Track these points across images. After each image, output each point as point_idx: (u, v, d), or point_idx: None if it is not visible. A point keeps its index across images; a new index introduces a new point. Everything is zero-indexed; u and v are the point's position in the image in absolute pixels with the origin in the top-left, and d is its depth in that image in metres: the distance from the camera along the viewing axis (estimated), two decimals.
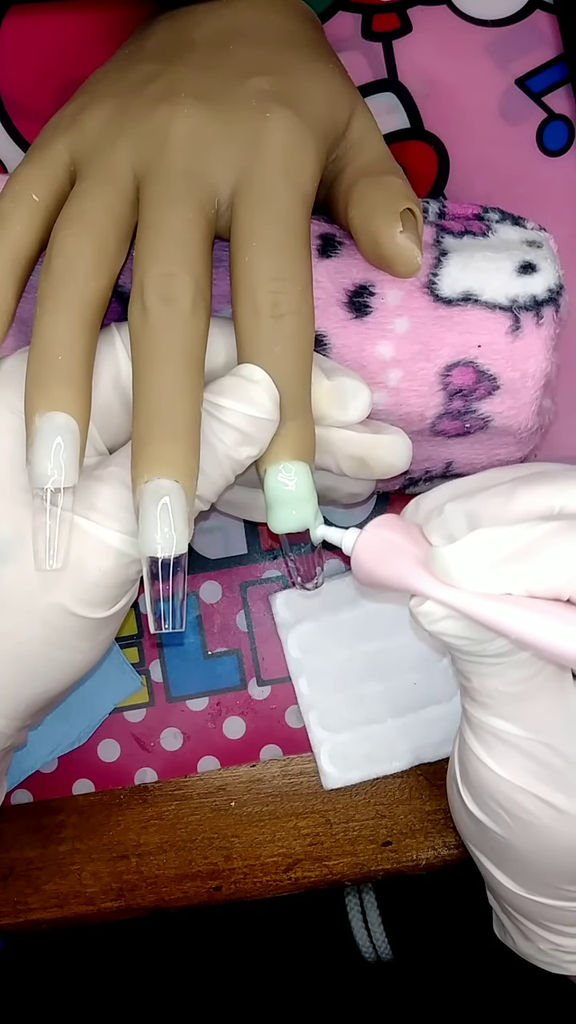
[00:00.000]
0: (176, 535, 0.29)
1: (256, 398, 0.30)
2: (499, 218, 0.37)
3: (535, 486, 0.28)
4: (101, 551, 0.31)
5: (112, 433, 0.33)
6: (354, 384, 0.33)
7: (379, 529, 0.30)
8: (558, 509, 0.27)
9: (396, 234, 0.32)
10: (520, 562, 0.27)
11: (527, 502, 0.28)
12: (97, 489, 0.31)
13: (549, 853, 0.33)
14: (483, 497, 0.28)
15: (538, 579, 0.27)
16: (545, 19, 0.44)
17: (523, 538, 0.27)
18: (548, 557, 0.27)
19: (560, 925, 0.36)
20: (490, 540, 0.27)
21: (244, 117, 0.32)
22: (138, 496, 0.29)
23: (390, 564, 0.29)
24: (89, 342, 0.30)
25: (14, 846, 0.43)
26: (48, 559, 0.30)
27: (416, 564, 0.29)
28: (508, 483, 0.28)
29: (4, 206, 0.32)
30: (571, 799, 0.31)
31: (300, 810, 0.42)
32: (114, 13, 0.44)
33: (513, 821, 0.33)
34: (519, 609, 0.27)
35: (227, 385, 0.30)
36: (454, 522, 0.29)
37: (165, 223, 0.30)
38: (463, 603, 0.28)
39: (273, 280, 0.30)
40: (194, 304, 0.30)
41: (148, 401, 0.29)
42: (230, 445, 0.31)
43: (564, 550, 0.26)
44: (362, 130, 0.35)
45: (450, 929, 0.43)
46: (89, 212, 0.31)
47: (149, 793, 0.42)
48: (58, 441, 0.29)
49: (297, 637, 0.41)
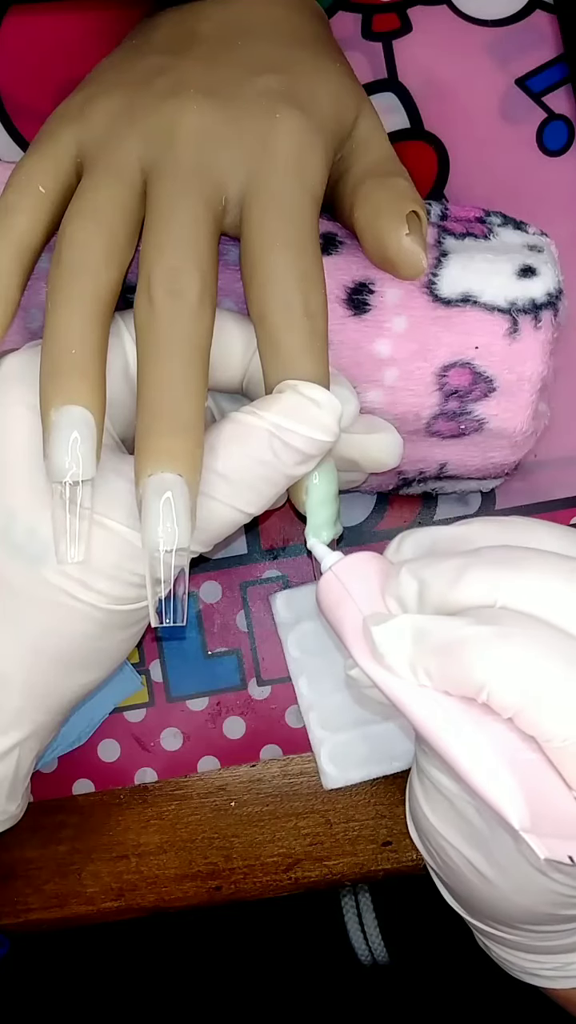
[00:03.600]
0: (178, 529, 0.29)
1: (323, 422, 0.30)
2: (501, 222, 0.37)
3: (484, 571, 0.27)
4: (130, 551, 0.31)
5: (123, 423, 0.33)
6: (343, 394, 0.33)
7: (344, 572, 0.30)
8: (500, 604, 0.27)
9: (402, 236, 0.32)
10: (439, 659, 0.27)
11: (471, 590, 0.27)
12: (122, 488, 0.31)
13: (475, 899, 0.33)
14: (436, 571, 0.28)
15: (452, 681, 0.27)
16: (545, 19, 0.44)
17: (448, 635, 0.26)
18: (464, 662, 0.26)
19: (502, 945, 0.36)
20: (417, 628, 0.27)
21: (253, 116, 0.32)
22: (141, 490, 0.29)
23: (339, 614, 0.30)
24: (102, 335, 0.30)
25: (14, 846, 0.43)
26: (69, 553, 0.30)
27: (358, 626, 0.29)
28: (463, 559, 0.28)
29: (10, 197, 0.32)
30: (490, 864, 0.30)
31: (300, 810, 0.42)
32: (114, 13, 0.44)
33: (443, 863, 0.33)
34: (427, 704, 0.27)
35: (291, 405, 0.30)
36: (406, 587, 0.28)
37: (172, 218, 0.30)
38: (381, 681, 0.28)
39: (301, 280, 0.31)
40: (200, 298, 0.30)
41: (153, 394, 0.29)
42: (290, 465, 0.31)
43: (480, 658, 0.26)
44: (368, 130, 0.35)
45: (446, 931, 0.42)
46: (99, 205, 0.31)
47: (149, 793, 0.42)
48: (75, 435, 0.29)
49: (297, 637, 0.41)
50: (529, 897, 0.30)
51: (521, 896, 0.30)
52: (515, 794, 0.26)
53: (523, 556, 0.28)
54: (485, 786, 0.26)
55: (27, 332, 0.36)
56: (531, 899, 0.30)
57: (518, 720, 0.26)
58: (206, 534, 0.31)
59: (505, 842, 0.29)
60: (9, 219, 0.32)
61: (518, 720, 0.26)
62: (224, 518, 0.31)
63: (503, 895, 0.31)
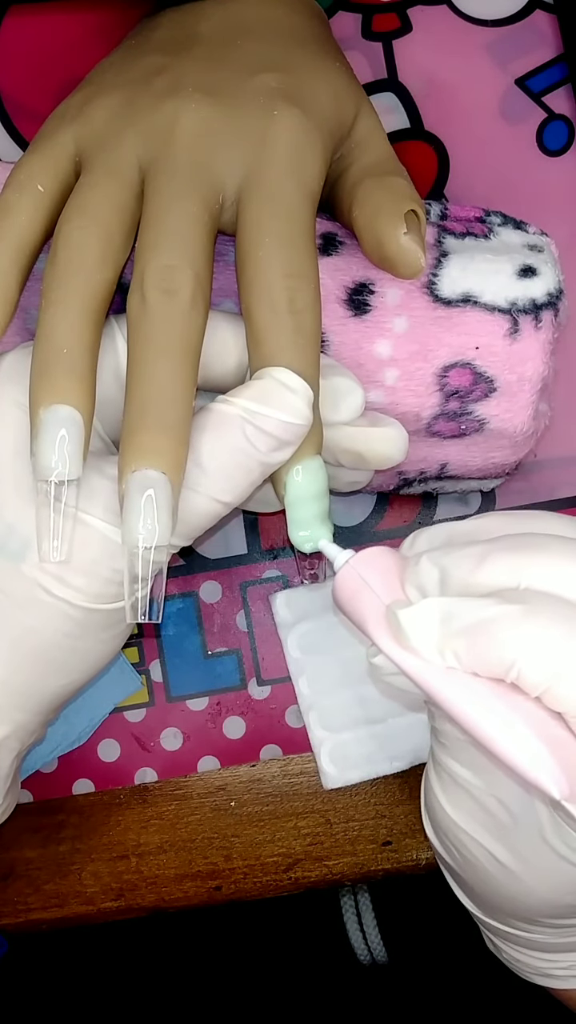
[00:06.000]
0: (159, 527, 0.29)
1: (295, 405, 0.30)
2: (501, 221, 0.37)
3: (507, 556, 0.27)
4: (112, 549, 0.31)
5: (113, 423, 0.33)
6: (347, 384, 0.33)
7: (361, 565, 0.30)
8: (523, 586, 0.27)
9: (400, 236, 0.32)
10: (467, 640, 0.27)
11: (494, 573, 0.27)
12: (106, 487, 0.31)
13: (494, 894, 0.33)
14: (457, 557, 0.28)
15: (480, 661, 0.27)
16: (545, 19, 0.44)
17: (475, 615, 0.27)
18: (493, 641, 0.26)
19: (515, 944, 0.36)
20: (443, 611, 0.27)
21: (252, 114, 0.32)
22: (124, 486, 0.29)
23: (358, 605, 0.30)
24: (94, 335, 0.30)
25: (14, 846, 0.43)
26: (52, 552, 0.30)
27: (380, 615, 0.29)
28: (484, 545, 0.28)
29: (9, 196, 0.32)
30: (513, 856, 0.30)
31: (300, 810, 0.42)
32: (114, 13, 0.44)
33: (462, 859, 0.33)
34: (456, 685, 0.27)
35: (264, 390, 0.30)
36: (426, 575, 0.28)
37: (169, 216, 0.30)
38: (408, 666, 0.28)
39: (289, 276, 0.31)
40: (193, 297, 0.30)
41: (141, 391, 0.29)
42: (264, 451, 0.30)
43: (509, 637, 0.26)
44: (367, 129, 0.35)
45: (446, 931, 0.43)
46: (95, 205, 0.31)
47: (149, 793, 0.42)
48: (62, 433, 0.29)
49: (297, 637, 0.41)
50: (551, 887, 0.30)
51: (543, 887, 0.30)
52: (553, 767, 0.26)
53: (542, 540, 0.28)
54: (523, 761, 0.26)
55: (26, 332, 0.36)
56: (554, 889, 0.30)
57: (546, 697, 0.26)
58: (185, 526, 0.31)
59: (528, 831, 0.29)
60: (8, 219, 0.32)
61: (546, 697, 0.26)
62: (200, 508, 0.31)
63: (526, 887, 0.31)
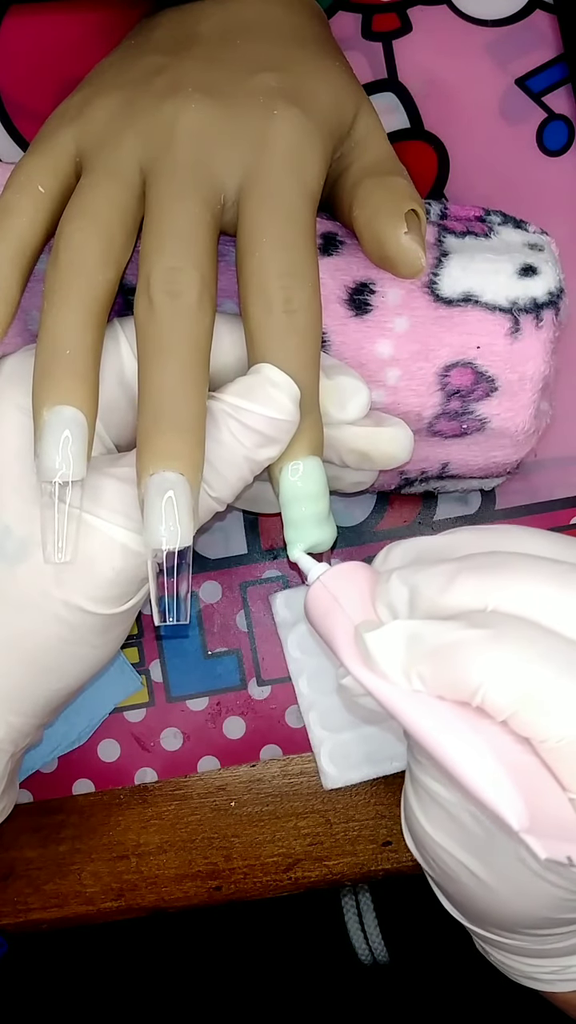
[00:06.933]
0: (181, 528, 0.29)
1: (279, 401, 0.30)
2: (501, 220, 0.37)
3: (475, 577, 0.27)
4: (113, 548, 0.31)
5: (118, 428, 0.33)
6: (353, 383, 0.33)
7: (333, 581, 0.30)
8: (491, 608, 0.27)
9: (400, 235, 0.32)
10: (433, 663, 0.26)
11: (462, 595, 0.27)
12: (108, 486, 0.31)
13: (473, 906, 0.33)
14: (427, 576, 0.28)
15: (446, 684, 0.26)
16: (545, 19, 0.44)
17: (442, 639, 0.26)
18: (459, 665, 0.26)
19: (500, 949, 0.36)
20: (410, 634, 0.27)
21: (251, 114, 0.32)
22: (143, 489, 0.29)
23: (328, 624, 0.29)
24: (96, 336, 0.30)
25: (14, 846, 0.43)
26: (56, 553, 0.30)
27: (349, 635, 0.29)
28: (453, 564, 0.28)
29: (9, 197, 0.32)
30: (489, 870, 0.30)
31: (300, 810, 0.42)
32: (114, 13, 0.44)
33: (441, 872, 0.33)
34: (421, 709, 0.27)
35: (248, 386, 0.30)
36: (396, 594, 0.28)
37: (171, 218, 0.30)
38: (374, 688, 0.28)
39: (284, 276, 0.31)
40: (200, 298, 0.30)
41: (154, 395, 0.29)
42: (250, 447, 0.31)
43: (475, 661, 0.26)
44: (367, 129, 0.35)
45: (446, 931, 0.42)
46: (96, 206, 0.31)
47: (149, 793, 0.42)
48: (66, 434, 0.29)
49: (297, 637, 0.41)
50: (527, 901, 0.30)
51: (519, 900, 0.30)
52: (513, 796, 0.26)
53: (512, 560, 0.28)
54: (483, 788, 0.26)
55: (27, 333, 0.36)
56: (529, 903, 0.30)
57: (512, 722, 0.26)
58: None
59: (503, 847, 0.29)
60: (9, 219, 0.32)
61: (512, 722, 0.26)
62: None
63: (502, 900, 0.31)
